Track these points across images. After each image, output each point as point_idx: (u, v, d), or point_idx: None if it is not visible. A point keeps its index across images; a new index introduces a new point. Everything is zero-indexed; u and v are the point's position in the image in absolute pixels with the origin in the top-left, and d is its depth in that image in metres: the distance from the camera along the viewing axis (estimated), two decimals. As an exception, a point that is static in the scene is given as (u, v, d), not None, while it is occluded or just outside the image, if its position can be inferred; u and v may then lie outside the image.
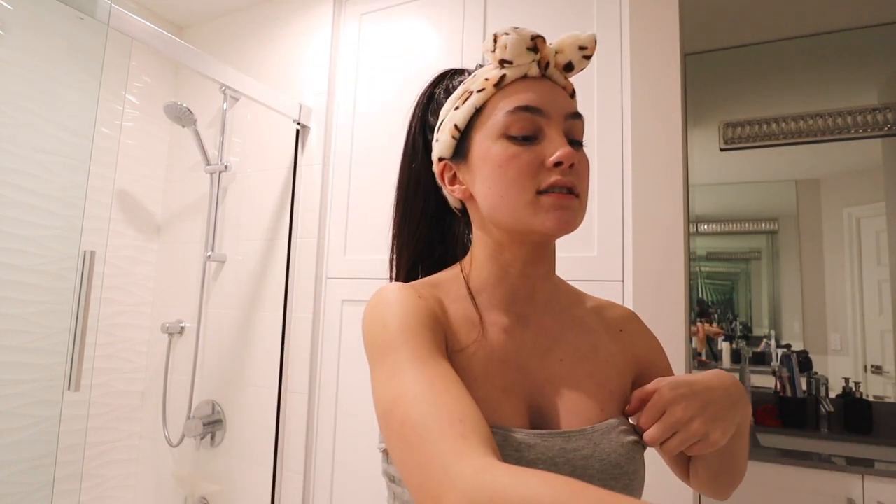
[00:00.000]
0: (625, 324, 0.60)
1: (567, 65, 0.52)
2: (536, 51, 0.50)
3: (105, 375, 1.88)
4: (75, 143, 1.59)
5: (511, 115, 0.49)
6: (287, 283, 1.75)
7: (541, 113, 0.49)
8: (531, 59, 0.50)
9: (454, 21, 1.64)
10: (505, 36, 0.50)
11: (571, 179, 0.48)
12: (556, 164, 0.48)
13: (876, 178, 1.86)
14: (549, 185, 0.48)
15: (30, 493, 1.45)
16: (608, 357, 0.55)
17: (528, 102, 0.49)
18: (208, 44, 2.10)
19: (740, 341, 2.00)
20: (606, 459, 0.47)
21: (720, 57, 2.13)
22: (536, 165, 0.48)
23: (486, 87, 0.51)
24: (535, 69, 0.51)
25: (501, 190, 0.49)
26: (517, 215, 0.49)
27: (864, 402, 1.70)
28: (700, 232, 2.11)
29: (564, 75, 0.53)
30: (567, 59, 0.52)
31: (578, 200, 0.49)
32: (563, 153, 0.47)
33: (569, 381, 0.52)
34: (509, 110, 0.50)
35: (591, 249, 1.36)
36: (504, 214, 0.50)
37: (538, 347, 0.53)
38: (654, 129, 1.32)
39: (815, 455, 1.42)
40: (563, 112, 0.50)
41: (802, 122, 1.97)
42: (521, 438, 0.47)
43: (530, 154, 0.48)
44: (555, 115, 0.50)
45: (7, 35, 1.50)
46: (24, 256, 1.50)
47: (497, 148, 0.50)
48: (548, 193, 0.48)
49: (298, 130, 1.82)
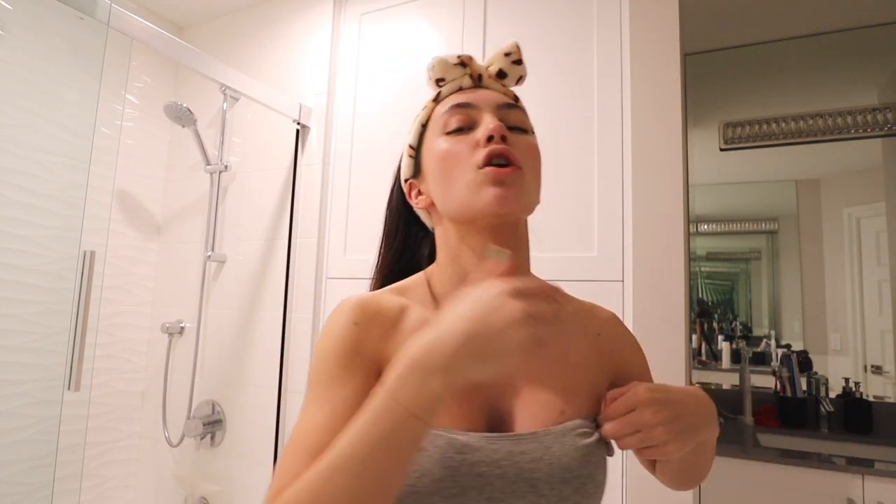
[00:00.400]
0: (603, 327, 0.60)
1: (499, 72, 0.57)
2: (465, 66, 0.56)
3: (105, 375, 1.88)
4: (75, 143, 1.59)
5: (446, 115, 0.54)
6: (287, 283, 1.74)
7: (472, 107, 0.53)
8: (461, 73, 0.56)
9: (454, 21, 1.64)
10: (433, 60, 0.56)
11: (506, 148, 0.50)
12: (489, 139, 0.50)
13: (876, 178, 1.86)
14: (484, 158, 0.50)
15: (30, 493, 1.45)
16: (580, 361, 0.56)
17: (459, 100, 0.54)
18: (208, 44, 2.10)
19: (740, 341, 2.00)
20: (556, 462, 0.47)
21: (720, 57, 2.13)
22: (472, 147, 0.51)
23: (427, 105, 0.58)
24: (467, 81, 0.56)
25: (446, 178, 0.52)
26: (462, 198, 0.51)
27: (864, 402, 1.70)
28: (700, 232, 2.11)
29: (501, 83, 0.57)
30: (497, 67, 0.57)
31: (521, 172, 0.51)
32: (492, 126, 0.50)
33: (531, 384, 0.52)
34: (444, 111, 0.55)
35: (591, 249, 1.36)
36: (452, 201, 0.52)
37: None
38: (654, 129, 1.32)
39: (815, 455, 1.42)
40: (496, 103, 0.54)
41: (802, 122, 1.97)
42: (466, 441, 0.47)
43: (466, 140, 0.52)
44: (486, 107, 0.53)
45: (7, 35, 1.50)
46: (24, 256, 1.50)
47: (438, 145, 0.54)
48: (486, 168, 0.49)
49: (298, 130, 1.82)
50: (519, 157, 0.51)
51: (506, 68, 0.57)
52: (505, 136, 0.51)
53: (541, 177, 0.56)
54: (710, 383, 2.01)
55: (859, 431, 1.68)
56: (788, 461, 1.37)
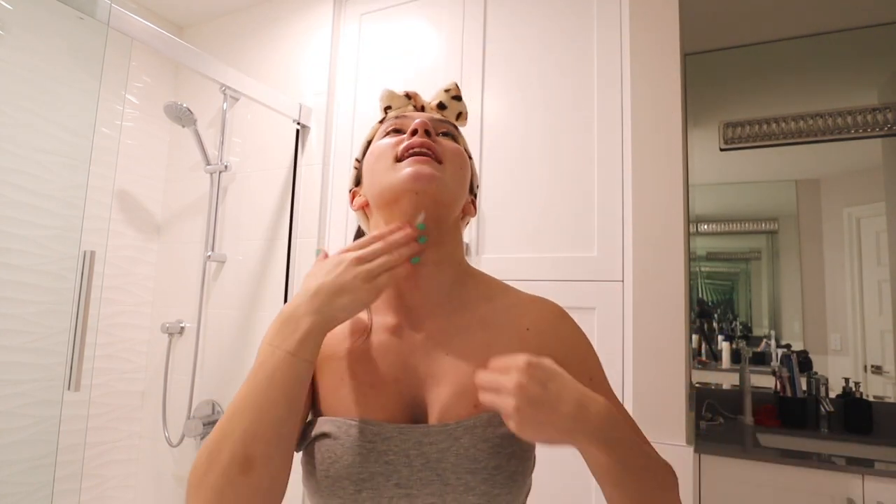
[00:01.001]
0: (535, 322, 0.58)
1: (439, 104, 0.63)
2: (410, 98, 0.62)
3: (105, 375, 1.88)
4: (75, 143, 1.59)
5: (384, 125, 0.60)
6: (287, 283, 1.74)
7: (405, 117, 0.59)
8: (406, 103, 0.62)
9: (454, 21, 1.64)
10: (383, 91, 0.63)
11: (427, 142, 0.54)
12: (413, 133, 0.54)
13: (876, 178, 1.86)
14: (404, 150, 0.54)
15: (30, 493, 1.45)
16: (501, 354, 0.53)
17: (395, 114, 0.60)
18: (208, 44, 2.10)
19: (740, 341, 2.00)
20: (464, 454, 0.49)
21: (720, 57, 2.13)
22: (396, 143, 0.56)
23: (374, 125, 0.63)
24: (410, 110, 0.62)
25: (373, 169, 0.56)
26: (383, 183, 0.55)
27: (864, 402, 1.70)
28: (700, 232, 2.11)
29: (441, 113, 0.62)
30: (437, 100, 0.63)
31: (441, 166, 0.54)
32: (417, 122, 0.54)
33: (450, 377, 0.54)
34: (384, 125, 0.61)
35: (591, 249, 1.36)
36: (375, 187, 0.56)
37: (426, 345, 0.56)
38: (654, 129, 1.32)
39: (815, 455, 1.42)
40: (427, 116, 0.60)
41: (802, 122, 1.97)
42: (378, 431, 0.51)
43: (394, 140, 0.56)
44: (418, 117, 0.58)
45: (7, 35, 1.50)
46: (24, 256, 1.50)
47: (373, 146, 0.59)
48: (405, 157, 0.54)
49: (298, 130, 1.82)
50: (440, 152, 0.55)
51: (446, 101, 0.62)
52: (429, 131, 0.55)
53: (465, 180, 0.58)
54: (710, 383, 2.01)
55: (859, 431, 1.68)
56: (788, 461, 1.37)
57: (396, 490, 0.49)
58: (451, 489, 0.49)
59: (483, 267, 1.47)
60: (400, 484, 0.49)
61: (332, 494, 0.49)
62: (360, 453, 0.50)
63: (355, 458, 0.50)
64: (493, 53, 1.57)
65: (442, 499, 0.49)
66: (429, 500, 0.49)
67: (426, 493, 0.49)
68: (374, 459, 0.50)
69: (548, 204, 1.43)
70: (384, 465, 0.50)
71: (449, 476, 0.49)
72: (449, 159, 0.55)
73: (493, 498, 0.49)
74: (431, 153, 0.54)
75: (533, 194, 1.45)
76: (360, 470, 0.49)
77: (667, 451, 1.21)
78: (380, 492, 0.49)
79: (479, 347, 0.55)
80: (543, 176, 1.45)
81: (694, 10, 1.84)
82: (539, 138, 1.47)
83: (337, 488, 0.49)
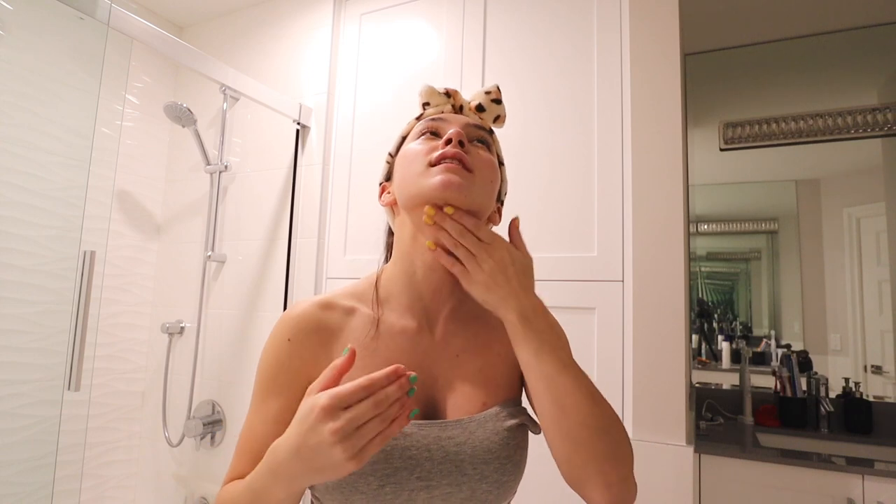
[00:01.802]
0: None
1: (478, 106, 0.63)
2: (449, 96, 0.62)
3: (105, 375, 1.88)
4: (75, 143, 1.59)
5: (420, 125, 0.61)
6: (287, 283, 1.74)
7: (443, 120, 0.60)
8: (445, 101, 0.62)
9: (454, 21, 1.64)
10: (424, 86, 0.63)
11: (459, 152, 0.55)
12: (447, 143, 0.55)
13: (876, 178, 1.86)
14: (438, 157, 0.55)
15: (30, 493, 1.45)
16: (500, 351, 0.61)
17: (432, 115, 0.61)
18: (208, 44, 2.10)
19: (740, 341, 2.00)
20: (479, 445, 0.54)
21: (720, 57, 2.13)
22: (430, 149, 0.57)
23: (410, 121, 0.64)
24: (449, 108, 0.62)
25: (405, 172, 0.58)
26: (413, 186, 0.56)
27: (864, 402, 1.70)
28: (700, 232, 2.11)
29: (479, 115, 0.63)
30: (476, 101, 0.63)
31: (471, 175, 0.55)
32: (451, 132, 0.56)
33: (460, 376, 0.59)
34: (418, 125, 0.61)
35: (591, 249, 1.36)
36: (405, 189, 0.57)
37: (439, 348, 0.60)
38: (654, 129, 1.32)
39: (815, 455, 1.42)
40: (466, 122, 0.60)
41: (802, 122, 1.97)
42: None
43: (427, 144, 0.58)
44: (455, 121, 0.59)
45: (7, 35, 1.50)
46: (24, 256, 1.50)
47: (407, 147, 0.60)
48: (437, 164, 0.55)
49: (298, 130, 1.82)
50: (472, 163, 0.56)
51: (485, 104, 0.63)
52: (463, 142, 0.56)
53: (494, 190, 0.59)
54: (711, 383, 2.01)
55: (859, 431, 1.68)
56: (788, 461, 1.37)
57: (418, 482, 0.52)
58: (468, 479, 0.53)
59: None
60: (421, 477, 0.52)
61: (355, 490, 0.51)
62: (383, 450, 0.52)
63: (380, 454, 0.52)
64: (493, 53, 1.57)
65: (459, 488, 0.53)
66: (446, 489, 0.52)
67: (444, 484, 0.52)
68: (398, 455, 0.52)
69: (548, 204, 1.43)
70: (407, 459, 0.52)
71: (466, 466, 0.53)
72: (480, 169, 0.56)
73: (503, 485, 0.54)
74: (463, 163, 0.55)
75: (533, 194, 1.45)
76: (384, 466, 0.51)
77: (667, 451, 1.21)
78: (402, 486, 0.51)
79: (482, 346, 0.61)
80: (543, 176, 1.45)
81: (694, 10, 1.84)
82: (539, 138, 1.47)
83: (360, 484, 0.51)
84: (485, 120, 0.63)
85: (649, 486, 1.20)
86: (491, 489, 0.53)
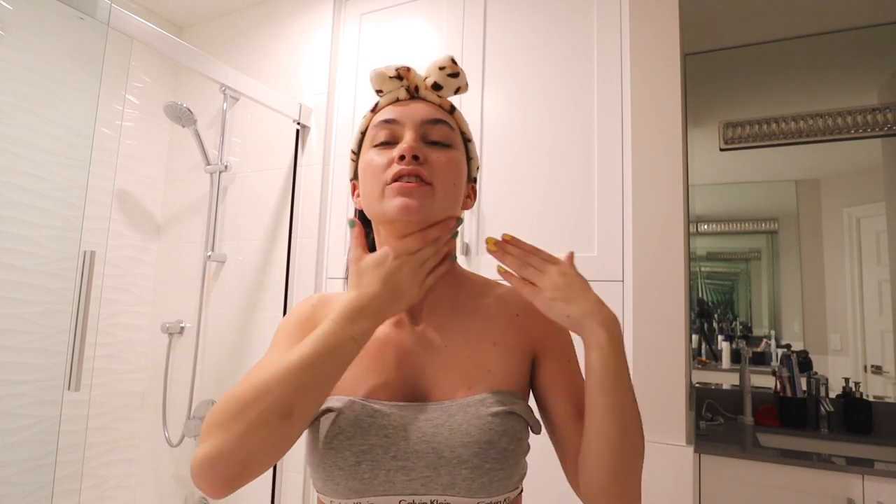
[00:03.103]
0: (522, 309, 0.64)
1: (434, 84, 0.61)
2: (401, 79, 0.60)
3: (105, 375, 1.88)
4: (75, 143, 1.59)
5: (375, 128, 0.60)
6: (287, 283, 1.74)
7: (396, 123, 0.59)
8: (397, 85, 0.61)
9: (454, 21, 1.64)
10: (372, 72, 0.61)
11: (415, 168, 0.55)
12: (400, 158, 0.56)
13: (876, 178, 1.86)
14: (393, 176, 0.56)
15: (30, 493, 1.45)
16: (497, 340, 0.61)
17: (385, 116, 0.59)
18: (208, 44, 2.10)
19: (740, 341, 2.00)
20: (457, 429, 0.53)
21: (720, 57, 2.12)
22: (387, 163, 0.57)
23: (366, 115, 0.64)
24: (403, 93, 0.61)
25: (366, 189, 0.59)
26: (374, 207, 0.58)
27: (864, 402, 1.70)
28: (700, 232, 2.11)
29: (437, 94, 0.62)
30: (433, 80, 0.61)
31: (430, 188, 0.56)
32: (403, 147, 0.56)
33: (447, 364, 0.59)
34: (374, 125, 0.60)
35: (591, 249, 1.36)
36: (368, 209, 0.60)
37: (425, 338, 0.61)
38: (654, 129, 1.32)
39: (815, 455, 1.42)
40: (419, 119, 0.59)
41: (802, 122, 1.97)
42: (378, 408, 0.55)
43: (384, 156, 0.58)
44: (409, 123, 0.58)
45: (7, 35, 1.50)
46: (24, 256, 1.50)
47: (366, 157, 0.60)
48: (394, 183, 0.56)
49: (298, 130, 1.82)
50: (429, 174, 0.56)
51: (441, 81, 0.61)
52: (417, 155, 0.56)
53: (459, 188, 0.60)
54: (711, 383, 2.01)
55: (859, 431, 1.68)
56: (788, 461, 1.37)
57: (394, 462, 0.52)
58: (446, 462, 0.52)
59: (483, 266, 1.47)
60: (397, 456, 0.52)
61: (335, 465, 0.53)
62: (361, 426, 0.54)
63: (357, 430, 0.53)
64: (493, 53, 1.57)
65: (436, 471, 0.52)
66: (424, 472, 0.52)
67: (422, 466, 0.52)
68: (375, 433, 0.53)
69: (548, 204, 1.43)
70: (383, 437, 0.53)
71: (443, 449, 0.52)
72: (439, 177, 0.57)
73: (486, 472, 0.52)
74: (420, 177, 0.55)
75: (533, 194, 1.45)
76: (360, 442, 0.53)
77: (667, 451, 1.21)
78: (378, 463, 0.52)
79: (476, 335, 0.61)
80: (543, 176, 1.45)
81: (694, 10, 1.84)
82: (539, 138, 1.47)
83: (339, 459, 0.52)
84: (444, 97, 0.62)
85: (649, 486, 1.20)
86: (472, 476, 0.52)
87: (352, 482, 0.52)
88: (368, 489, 0.52)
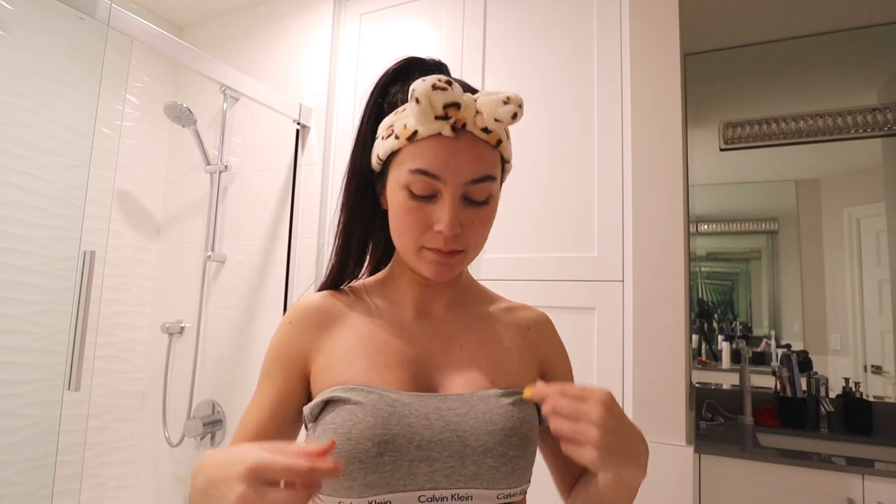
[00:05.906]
0: (532, 324, 0.65)
1: (484, 129, 0.52)
2: (448, 118, 0.50)
3: (105, 375, 1.88)
4: (75, 143, 1.59)
5: (412, 175, 0.52)
6: (287, 283, 1.74)
7: (438, 178, 0.51)
8: (442, 126, 0.50)
9: (454, 21, 1.64)
10: (415, 109, 0.50)
11: (453, 247, 0.53)
12: (439, 233, 0.52)
13: (876, 178, 1.86)
14: (430, 246, 0.54)
15: (30, 493, 1.45)
16: (512, 345, 0.61)
17: (426, 167, 0.51)
18: (208, 44, 2.10)
19: (740, 341, 2.00)
20: (481, 417, 0.52)
21: (720, 57, 2.12)
22: (425, 225, 0.53)
23: (401, 137, 0.53)
24: (448, 130, 0.51)
25: (398, 233, 0.56)
26: (407, 257, 0.56)
27: (864, 402, 1.70)
28: (700, 232, 2.11)
29: (486, 137, 0.52)
30: (484, 123, 0.52)
31: (462, 254, 0.55)
32: (444, 226, 0.51)
33: (464, 361, 0.58)
34: (410, 169, 0.52)
35: (591, 249, 1.36)
36: (399, 248, 0.57)
37: (440, 337, 0.60)
38: (654, 129, 1.32)
39: (815, 455, 1.42)
40: (463, 180, 0.52)
41: (802, 122, 1.97)
42: (396, 397, 0.53)
43: (422, 213, 0.53)
44: (452, 182, 0.51)
45: (7, 35, 1.50)
46: (24, 256, 1.50)
47: (399, 197, 0.54)
48: (431, 253, 0.54)
49: (298, 130, 1.82)
50: (464, 240, 0.54)
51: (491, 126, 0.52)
52: (458, 233, 0.52)
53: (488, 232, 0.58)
54: (711, 383, 2.01)
55: (859, 431, 1.68)
56: (788, 461, 1.37)
57: (418, 452, 0.50)
58: (471, 451, 0.51)
59: (484, 267, 1.47)
60: (421, 446, 0.50)
61: (354, 458, 0.49)
62: (381, 416, 0.50)
63: (377, 419, 0.50)
64: (493, 53, 1.57)
65: (461, 461, 0.51)
66: (448, 462, 0.51)
67: (446, 456, 0.51)
68: (396, 422, 0.51)
69: (548, 204, 1.43)
70: (406, 427, 0.51)
71: (468, 437, 0.51)
72: (474, 241, 0.55)
73: (510, 460, 0.52)
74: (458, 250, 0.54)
75: (533, 194, 1.45)
76: (382, 431, 0.50)
77: (667, 451, 1.21)
78: (401, 454, 0.50)
79: (492, 339, 0.61)
80: (543, 176, 1.45)
81: (694, 10, 1.84)
82: (539, 138, 1.47)
83: (359, 451, 0.49)
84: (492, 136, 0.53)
85: (649, 486, 1.20)
86: (497, 464, 0.51)
87: (371, 476, 0.49)
88: (387, 484, 0.49)
